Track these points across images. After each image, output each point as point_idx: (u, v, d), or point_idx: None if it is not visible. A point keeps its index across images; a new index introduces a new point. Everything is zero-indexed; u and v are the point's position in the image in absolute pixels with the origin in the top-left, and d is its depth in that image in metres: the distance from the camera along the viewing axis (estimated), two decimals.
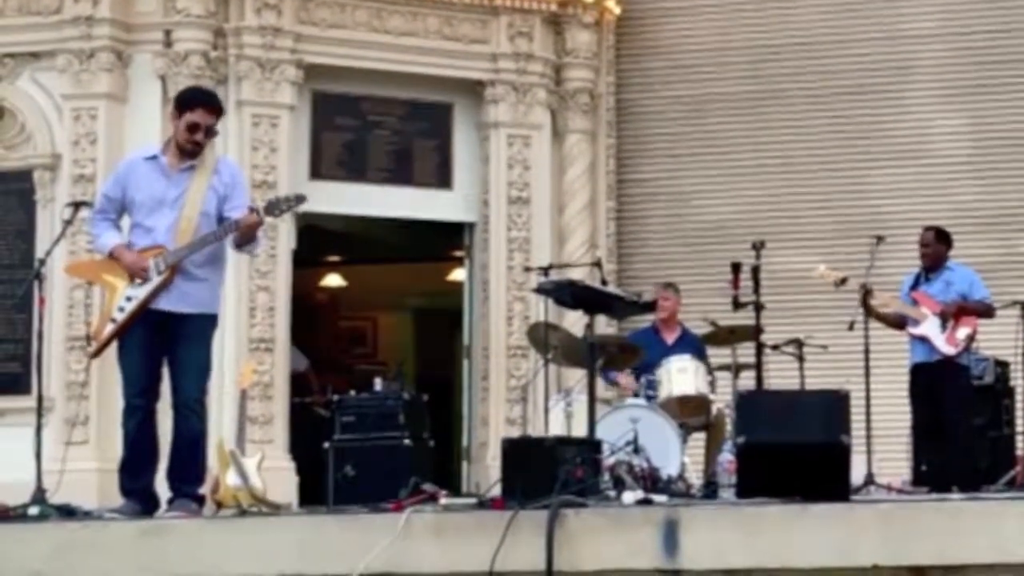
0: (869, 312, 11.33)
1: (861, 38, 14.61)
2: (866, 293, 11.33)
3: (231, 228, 8.31)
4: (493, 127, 14.22)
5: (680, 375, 11.29)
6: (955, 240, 11.70)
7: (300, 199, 8.78)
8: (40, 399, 9.38)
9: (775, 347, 11.61)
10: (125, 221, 8.58)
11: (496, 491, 8.11)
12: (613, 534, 7.14)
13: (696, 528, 7.10)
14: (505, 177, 14.17)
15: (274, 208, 8.51)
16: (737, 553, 7.04)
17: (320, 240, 15.03)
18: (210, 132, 8.51)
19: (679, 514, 7.18)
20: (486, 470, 13.03)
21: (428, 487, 8.59)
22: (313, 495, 11.35)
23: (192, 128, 8.40)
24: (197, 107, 8.46)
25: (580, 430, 10.09)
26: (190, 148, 8.42)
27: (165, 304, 8.33)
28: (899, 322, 11.51)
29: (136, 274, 8.30)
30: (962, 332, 11.26)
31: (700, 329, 11.90)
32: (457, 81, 14.22)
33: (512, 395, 13.65)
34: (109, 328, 8.38)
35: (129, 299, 8.32)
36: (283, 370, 13.28)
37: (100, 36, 13.05)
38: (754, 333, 10.67)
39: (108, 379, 11.23)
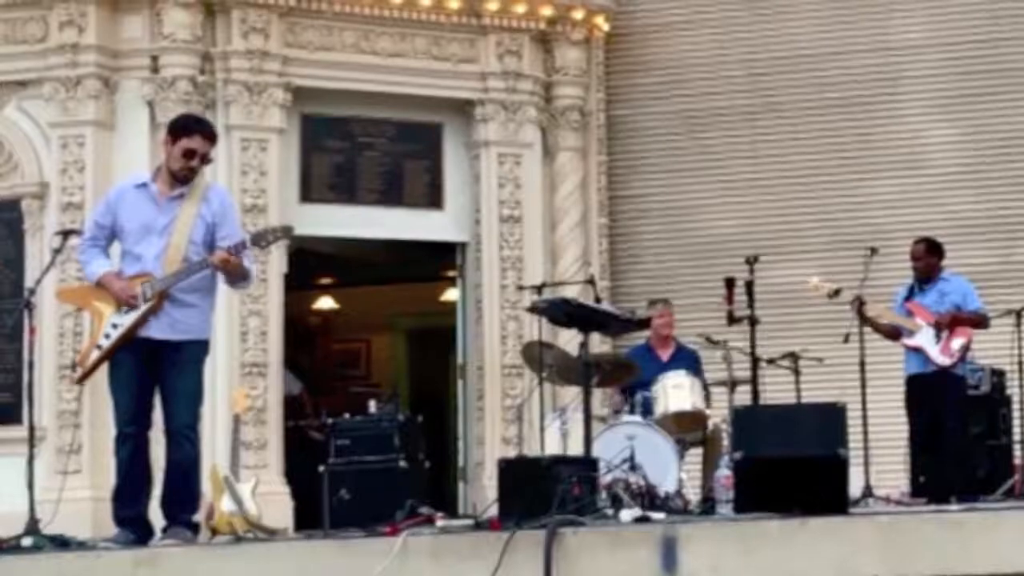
0: (864, 320, 11.31)
1: (851, 50, 14.59)
2: (860, 304, 11.30)
3: (208, 263, 8.25)
4: (483, 146, 14.18)
5: (676, 391, 11.28)
6: (950, 250, 11.67)
7: (287, 231, 8.77)
8: (32, 429, 9.31)
9: (771, 361, 11.58)
10: (115, 248, 8.54)
11: (493, 512, 8.09)
12: (611, 552, 7.11)
13: (695, 544, 7.08)
14: (496, 196, 14.13)
15: (260, 239, 8.48)
16: (736, 569, 7.02)
17: (312, 263, 14.99)
18: (205, 159, 8.48)
19: (677, 531, 7.16)
20: (482, 490, 12.98)
21: (425, 510, 8.57)
22: (309, 519, 11.30)
23: (188, 155, 8.36)
24: (195, 134, 8.42)
25: (576, 448, 10.05)
26: (184, 175, 8.38)
27: (155, 332, 8.29)
28: (893, 333, 11.49)
29: (124, 302, 8.26)
30: (956, 343, 11.23)
31: (697, 344, 11.88)
32: (446, 101, 14.18)
33: (507, 414, 13.59)
34: (95, 355, 8.36)
35: (115, 326, 8.29)
36: (276, 394, 13.23)
37: (86, 63, 13.01)
38: (749, 348, 10.66)
39: (100, 408, 11.17)
